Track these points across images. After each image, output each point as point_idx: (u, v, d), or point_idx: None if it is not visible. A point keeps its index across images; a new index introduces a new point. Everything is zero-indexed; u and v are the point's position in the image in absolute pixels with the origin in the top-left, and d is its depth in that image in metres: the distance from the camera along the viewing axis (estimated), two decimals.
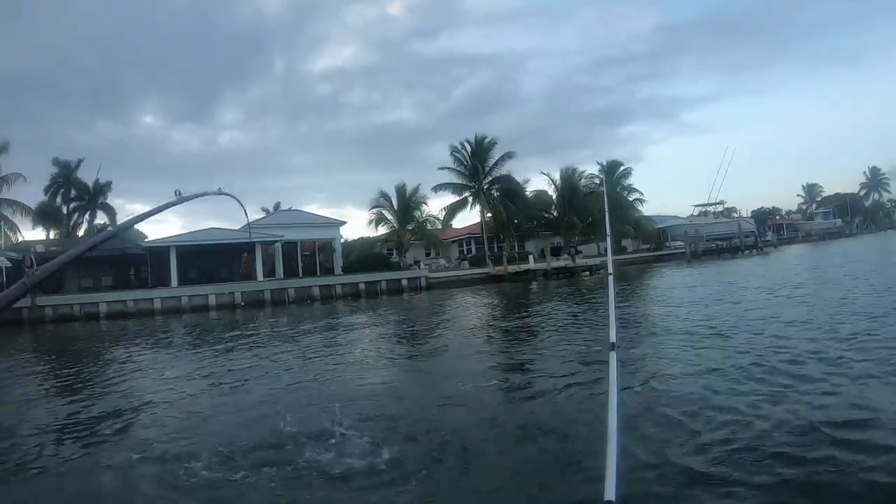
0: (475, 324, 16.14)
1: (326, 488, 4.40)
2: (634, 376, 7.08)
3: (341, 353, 11.89)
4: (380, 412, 6.40)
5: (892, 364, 6.71)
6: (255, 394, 7.90)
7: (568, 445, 5.05)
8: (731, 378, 6.73)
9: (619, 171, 54.76)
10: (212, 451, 5.25)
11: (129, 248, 36.28)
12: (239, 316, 24.42)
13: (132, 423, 6.90)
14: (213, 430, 6.13)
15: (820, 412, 5.28)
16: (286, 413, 6.29)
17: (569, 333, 11.98)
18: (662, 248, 56.31)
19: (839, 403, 5.50)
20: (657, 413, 5.64)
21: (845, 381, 6.15)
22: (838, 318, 10.41)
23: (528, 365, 9.01)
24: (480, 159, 45.01)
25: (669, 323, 12.08)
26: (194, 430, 6.20)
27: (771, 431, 4.88)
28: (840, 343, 8.09)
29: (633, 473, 4.17)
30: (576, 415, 5.84)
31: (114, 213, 49.00)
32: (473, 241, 50.94)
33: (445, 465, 4.79)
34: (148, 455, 5.32)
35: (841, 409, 5.32)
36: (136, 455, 5.34)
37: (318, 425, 5.81)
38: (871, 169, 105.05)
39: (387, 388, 7.94)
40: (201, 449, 5.36)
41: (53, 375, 11.58)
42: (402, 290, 32.13)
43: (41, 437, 6.44)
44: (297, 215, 40.71)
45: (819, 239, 71.47)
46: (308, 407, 6.83)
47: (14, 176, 41.34)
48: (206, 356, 12.37)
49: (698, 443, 4.79)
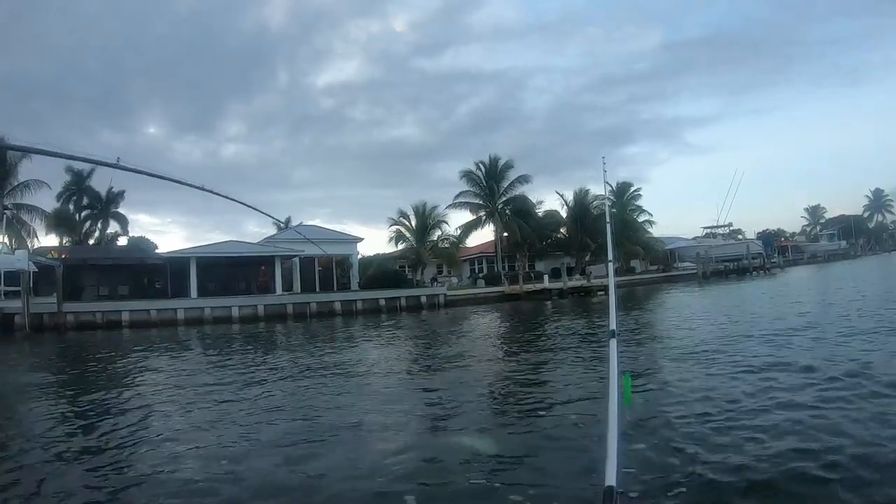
0: (509, 340, 16.41)
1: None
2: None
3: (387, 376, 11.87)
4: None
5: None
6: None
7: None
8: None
9: (630, 192, 55.47)
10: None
11: (149, 257, 36.68)
12: (266, 328, 24.62)
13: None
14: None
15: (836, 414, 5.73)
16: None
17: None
18: (671, 269, 56.74)
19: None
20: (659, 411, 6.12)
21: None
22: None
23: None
24: (495, 179, 45.70)
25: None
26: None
27: (771, 432, 5.23)
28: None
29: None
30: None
31: (126, 222, 49.54)
32: (485, 259, 51.49)
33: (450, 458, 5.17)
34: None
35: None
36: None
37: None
38: (874, 191, 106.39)
39: (428, 395, 8.27)
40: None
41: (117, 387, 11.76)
42: (421, 307, 32.39)
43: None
44: (316, 231, 41.11)
45: (824, 261, 72.09)
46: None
47: (34, 182, 41.88)
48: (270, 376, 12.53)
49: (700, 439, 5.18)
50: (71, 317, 26.77)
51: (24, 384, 11.62)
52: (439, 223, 42.67)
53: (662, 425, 5.71)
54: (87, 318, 27.15)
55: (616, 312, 2.47)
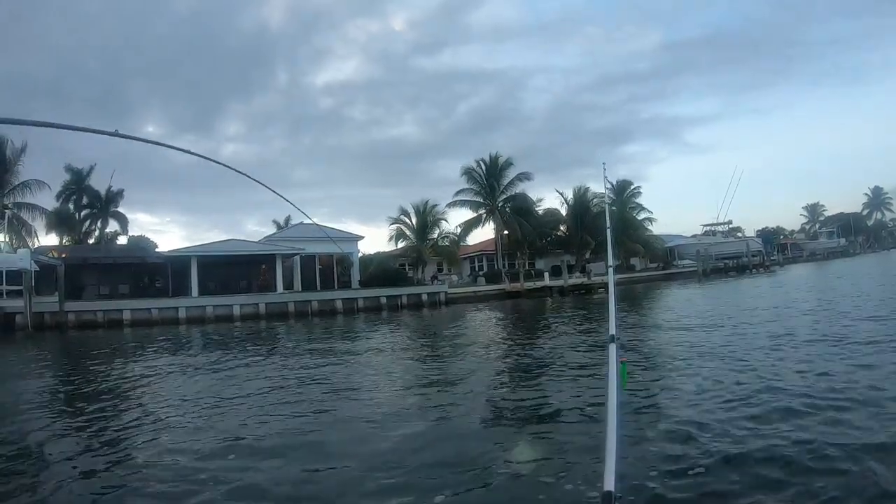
0: (511, 339, 16.46)
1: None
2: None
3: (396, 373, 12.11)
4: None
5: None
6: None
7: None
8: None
9: (629, 190, 55.58)
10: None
11: (150, 256, 36.67)
12: (268, 327, 24.63)
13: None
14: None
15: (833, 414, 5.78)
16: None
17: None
18: (670, 266, 56.85)
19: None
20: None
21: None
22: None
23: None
24: (496, 178, 45.77)
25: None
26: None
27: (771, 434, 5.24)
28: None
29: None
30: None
31: (126, 222, 49.47)
32: (485, 257, 51.54)
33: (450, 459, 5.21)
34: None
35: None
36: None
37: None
38: (873, 189, 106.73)
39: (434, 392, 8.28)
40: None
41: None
42: (423, 304, 32.45)
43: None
44: (317, 229, 40.99)
45: (823, 258, 72.24)
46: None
47: (34, 182, 41.87)
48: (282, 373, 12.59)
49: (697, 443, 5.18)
50: (72, 316, 26.81)
51: (31, 384, 11.66)
52: (439, 221, 42.70)
53: (661, 430, 5.66)
54: (88, 317, 27.20)
55: (616, 317, 2.46)
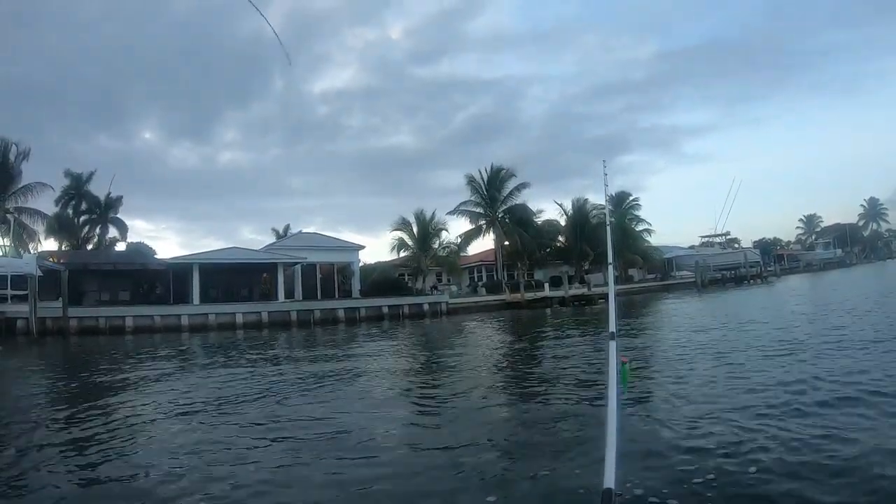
0: (513, 347, 16.62)
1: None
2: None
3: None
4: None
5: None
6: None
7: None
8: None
9: (628, 201, 56.01)
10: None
11: (151, 263, 36.75)
12: (271, 335, 24.68)
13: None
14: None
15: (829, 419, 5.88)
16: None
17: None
18: (668, 277, 57.17)
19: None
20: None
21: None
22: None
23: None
24: (496, 188, 46.18)
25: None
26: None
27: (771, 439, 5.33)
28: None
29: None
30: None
31: (125, 228, 49.49)
32: (485, 268, 51.84)
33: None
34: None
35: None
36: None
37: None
38: (869, 199, 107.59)
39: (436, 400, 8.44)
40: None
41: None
42: (424, 314, 32.57)
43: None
44: (318, 238, 41.41)
45: (819, 269, 72.74)
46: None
47: (36, 184, 41.88)
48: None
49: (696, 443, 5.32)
50: (75, 322, 26.77)
51: (37, 388, 11.74)
52: (440, 231, 42.95)
53: (661, 429, 5.82)
54: (90, 323, 27.17)
55: (616, 314, 2.56)
